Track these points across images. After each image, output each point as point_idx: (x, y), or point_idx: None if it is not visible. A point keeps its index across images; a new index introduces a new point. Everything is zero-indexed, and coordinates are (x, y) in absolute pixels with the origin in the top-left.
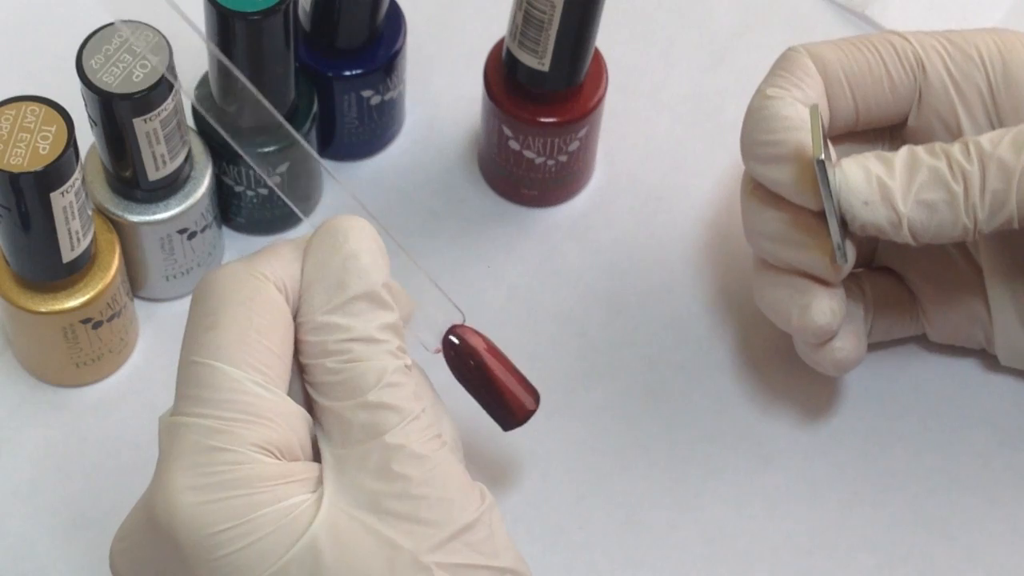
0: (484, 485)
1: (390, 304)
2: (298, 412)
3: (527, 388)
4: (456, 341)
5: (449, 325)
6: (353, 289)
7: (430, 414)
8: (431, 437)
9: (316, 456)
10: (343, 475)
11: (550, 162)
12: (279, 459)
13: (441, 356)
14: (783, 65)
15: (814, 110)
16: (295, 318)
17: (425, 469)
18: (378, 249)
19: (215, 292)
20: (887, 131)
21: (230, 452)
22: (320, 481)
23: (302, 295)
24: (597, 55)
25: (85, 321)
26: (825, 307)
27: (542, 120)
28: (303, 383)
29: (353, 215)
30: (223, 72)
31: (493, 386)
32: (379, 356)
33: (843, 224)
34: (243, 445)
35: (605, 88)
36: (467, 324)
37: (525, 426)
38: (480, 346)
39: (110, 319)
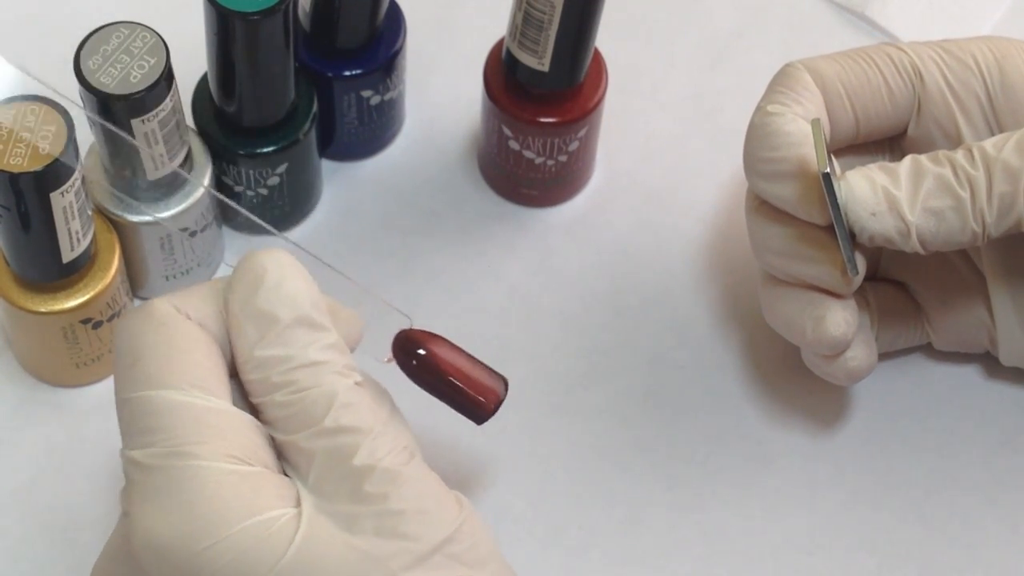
0: (460, 492)
1: (325, 325)
2: (245, 417)
3: (491, 376)
4: (406, 346)
5: (395, 332)
6: (284, 319)
7: (392, 427)
8: (399, 451)
9: (284, 470)
10: (319, 504)
11: (550, 162)
12: (246, 465)
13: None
14: (782, 81)
15: (816, 124)
16: (234, 360)
17: (399, 485)
18: (300, 274)
19: (128, 332)
20: (887, 142)
21: (191, 469)
22: (298, 501)
23: (233, 336)
24: (597, 55)
25: (85, 321)
26: (839, 319)
27: (542, 120)
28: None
29: (268, 247)
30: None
31: (452, 384)
32: (326, 379)
33: (851, 236)
34: (202, 459)
35: (605, 88)
36: (414, 326)
37: (525, 426)
38: (431, 344)
39: (110, 319)
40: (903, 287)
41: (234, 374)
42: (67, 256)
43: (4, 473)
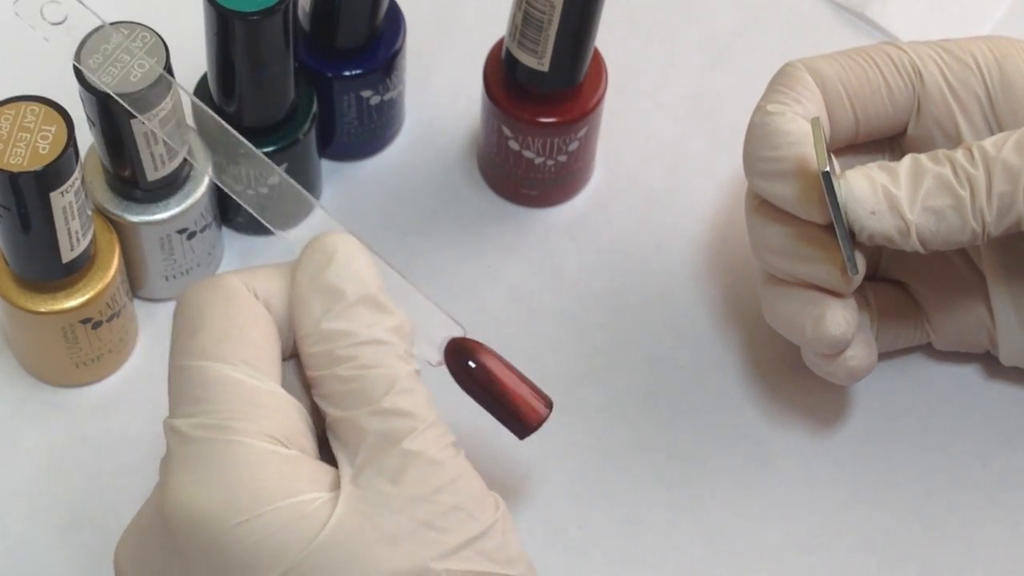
0: (497, 493)
1: (391, 308)
2: (293, 402)
3: (537, 394)
4: (460, 354)
5: (449, 337)
6: (352, 295)
7: (441, 422)
8: (447, 444)
9: (322, 457)
10: (360, 481)
11: (549, 162)
12: (284, 447)
13: (441, 370)
14: (782, 80)
15: (816, 123)
16: (296, 333)
17: (442, 476)
18: (368, 258)
19: (192, 302)
20: (887, 142)
21: (233, 444)
22: (335, 485)
23: (298, 310)
24: (597, 55)
25: (85, 321)
26: (839, 318)
27: (542, 120)
28: (310, 397)
29: (339, 231)
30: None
31: (503, 396)
32: (388, 360)
33: (851, 235)
34: (244, 436)
35: (605, 88)
36: (468, 336)
37: None
38: (485, 356)
39: (110, 319)
40: (903, 287)
41: (288, 356)
42: (67, 256)
43: (4, 473)
